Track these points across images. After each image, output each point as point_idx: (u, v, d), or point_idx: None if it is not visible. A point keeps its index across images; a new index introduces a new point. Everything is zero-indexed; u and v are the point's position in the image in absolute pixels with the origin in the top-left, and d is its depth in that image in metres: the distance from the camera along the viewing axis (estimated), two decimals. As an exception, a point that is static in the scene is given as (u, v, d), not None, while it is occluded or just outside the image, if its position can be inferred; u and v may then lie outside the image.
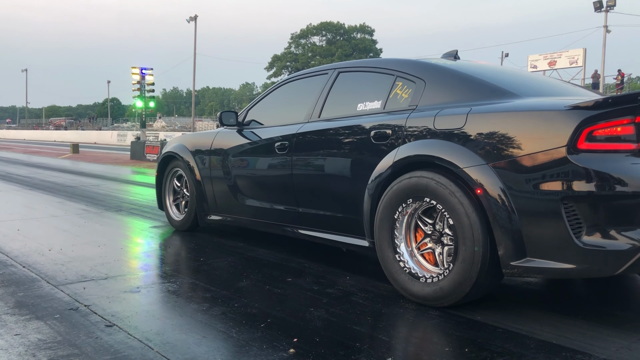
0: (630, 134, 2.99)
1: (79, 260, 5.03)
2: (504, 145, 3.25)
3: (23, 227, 6.61)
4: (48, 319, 3.48)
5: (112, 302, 3.85)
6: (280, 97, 5.48)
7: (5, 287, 4.15)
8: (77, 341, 3.12)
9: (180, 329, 3.36)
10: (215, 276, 4.61)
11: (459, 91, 3.79)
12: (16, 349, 2.99)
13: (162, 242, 6.03)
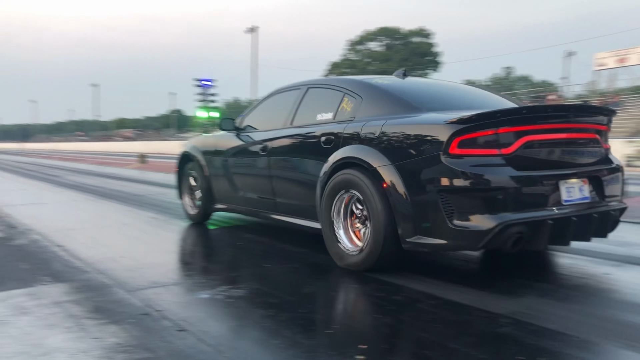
0: (492, 142, 3.91)
1: (150, 266, 5.20)
2: (404, 150, 4.21)
3: (97, 235, 6.91)
4: (123, 323, 3.61)
5: (182, 307, 3.96)
6: (268, 106, 6.43)
7: (83, 292, 4.34)
8: (151, 345, 3.23)
9: (249, 334, 3.42)
10: (280, 282, 4.66)
11: (384, 106, 4.72)
12: (95, 352, 3.12)
13: (228, 248, 6.15)
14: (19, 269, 5.11)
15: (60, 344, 3.24)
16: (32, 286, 4.50)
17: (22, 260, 5.49)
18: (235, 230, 7.20)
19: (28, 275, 4.88)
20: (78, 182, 15.41)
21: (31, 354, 3.09)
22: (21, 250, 5.94)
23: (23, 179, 17.11)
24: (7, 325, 3.56)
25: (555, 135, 4.16)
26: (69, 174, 19.18)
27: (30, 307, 3.94)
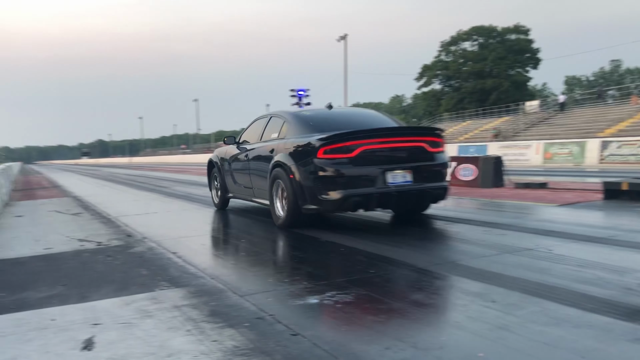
0: (342, 149, 6.60)
1: (259, 272, 5.35)
2: (299, 155, 7.11)
3: (207, 242, 7.22)
4: (239, 327, 3.73)
5: (294, 312, 4.03)
6: (252, 128, 9.56)
7: (200, 296, 4.54)
8: (267, 349, 3.31)
9: (362, 340, 3.41)
10: (387, 288, 4.62)
11: (299, 129, 7.59)
12: (216, 354, 3.24)
13: (333, 254, 6.20)
14: (140, 274, 5.44)
15: (182, 346, 3.40)
16: (152, 291, 4.77)
17: (141, 266, 5.84)
18: (331, 236, 7.25)
19: (148, 280, 5.18)
20: (185, 192, 16.22)
21: (158, 355, 3.27)
22: (140, 257, 6.33)
23: (134, 191, 18.27)
24: (133, 328, 3.79)
25: (382, 146, 6.91)
26: (176, 185, 20.24)
27: (153, 311, 4.17)
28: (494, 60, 76.82)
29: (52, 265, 6.07)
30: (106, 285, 5.02)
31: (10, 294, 4.87)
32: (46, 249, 7.16)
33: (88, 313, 4.18)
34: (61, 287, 5.03)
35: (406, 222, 8.08)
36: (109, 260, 6.21)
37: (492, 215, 9.01)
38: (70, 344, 3.50)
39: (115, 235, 8.14)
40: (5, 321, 4.06)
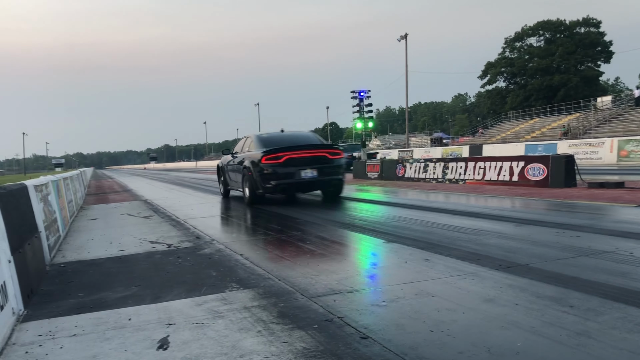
0: (275, 157, 11.73)
1: (325, 274, 5.35)
2: (253, 160, 12.33)
3: (272, 244, 7.29)
4: (308, 328, 3.73)
5: (363, 314, 4.00)
6: (239, 143, 14.46)
7: (268, 298, 4.58)
8: (337, 351, 3.29)
9: (433, 343, 3.33)
10: (455, 292, 4.51)
11: (258, 145, 12.57)
12: (287, 356, 3.25)
13: (398, 257, 6.12)
14: (210, 275, 5.56)
15: (254, 346, 3.44)
16: (222, 292, 4.86)
17: (210, 267, 5.96)
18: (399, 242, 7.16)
19: (218, 281, 5.28)
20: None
21: (230, 355, 3.32)
22: (209, 259, 6.47)
23: (201, 194, 18.76)
24: (206, 328, 3.87)
25: (299, 155, 11.64)
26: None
27: (224, 311, 4.25)
28: (562, 56, 73.93)
29: (126, 267, 6.31)
30: (178, 286, 5.16)
31: (88, 294, 5.09)
32: (120, 250, 7.45)
33: (162, 313, 4.30)
34: (135, 288, 5.21)
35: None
36: (180, 262, 6.39)
37: (565, 216, 8.66)
38: (146, 343, 3.61)
39: (184, 237, 8.37)
40: (85, 320, 4.24)
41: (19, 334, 3.99)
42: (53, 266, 6.57)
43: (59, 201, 9.36)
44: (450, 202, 12.02)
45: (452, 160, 17.80)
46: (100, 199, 19.27)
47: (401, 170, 19.80)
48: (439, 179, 17.69)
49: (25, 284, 4.78)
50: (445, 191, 14.62)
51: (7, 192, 4.95)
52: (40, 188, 7.16)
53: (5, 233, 4.38)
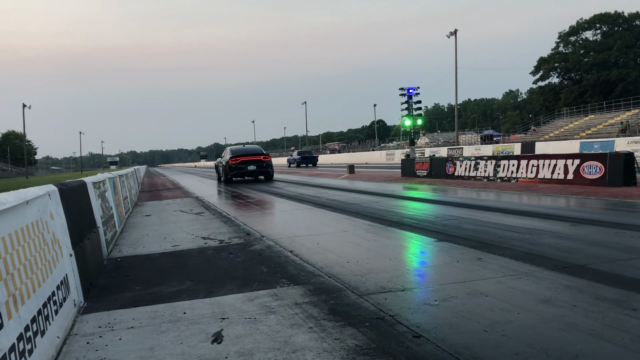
0: (236, 159, 24.52)
1: (375, 272, 5.33)
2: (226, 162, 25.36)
3: (321, 241, 7.31)
4: (359, 326, 3.73)
5: (414, 313, 3.96)
6: (224, 152, 27.12)
7: (318, 294, 4.60)
8: (389, 349, 3.27)
9: (488, 344, 3.27)
10: (509, 292, 4.41)
11: (229, 153, 25.40)
12: (339, 352, 3.26)
13: (449, 256, 6.03)
14: (261, 271, 5.63)
15: (306, 342, 3.46)
16: (273, 287, 4.91)
17: (261, 263, 6.04)
18: (450, 241, 7.06)
19: (269, 277, 5.34)
20: (297, 193, 16.61)
21: (283, 350, 3.35)
22: (259, 255, 6.55)
23: (249, 191, 18.98)
24: (258, 323, 3.92)
25: (247, 159, 24.59)
26: (288, 186, 20.79)
27: (275, 307, 4.29)
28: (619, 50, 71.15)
29: (180, 262, 6.46)
30: (230, 282, 5.24)
31: (144, 288, 5.24)
32: (174, 246, 7.64)
33: (215, 307, 4.38)
34: (189, 282, 5.33)
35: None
36: (231, 258, 6.49)
37: (625, 216, 8.33)
38: (201, 337, 3.69)
39: (235, 233, 8.50)
40: (142, 313, 4.36)
41: (80, 325, 4.14)
42: (110, 260, 6.79)
43: (115, 198, 9.66)
44: (502, 200, 11.76)
45: (503, 158, 17.40)
46: (154, 195, 19.80)
47: (451, 169, 19.50)
48: (490, 177, 17.33)
49: (85, 277, 4.96)
50: (497, 190, 14.31)
51: (69, 189, 5.15)
52: (98, 185, 7.41)
53: (66, 228, 4.56)
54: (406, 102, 26.28)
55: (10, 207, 3.06)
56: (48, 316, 3.48)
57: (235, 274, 5.57)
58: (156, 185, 29.49)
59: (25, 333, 2.94)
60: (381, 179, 21.86)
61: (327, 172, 32.95)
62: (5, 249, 2.90)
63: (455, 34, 48.63)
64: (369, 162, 51.95)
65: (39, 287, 3.40)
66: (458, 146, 48.64)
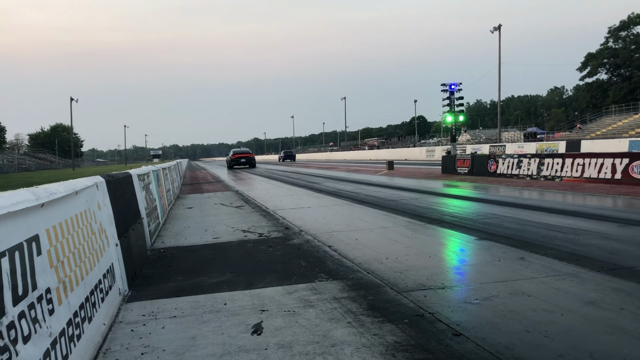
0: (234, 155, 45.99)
1: (415, 269, 5.29)
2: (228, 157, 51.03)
3: (360, 237, 7.30)
4: (399, 322, 3.72)
5: (454, 311, 3.92)
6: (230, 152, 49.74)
7: (357, 290, 4.60)
8: (429, 347, 3.25)
9: (530, 344, 3.21)
10: (552, 293, 4.31)
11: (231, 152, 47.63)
12: (377, 348, 3.26)
13: (490, 254, 5.94)
14: (299, 265, 5.67)
15: (344, 337, 3.47)
16: (312, 281, 4.94)
17: (300, 257, 6.07)
18: (491, 240, 6.94)
19: (307, 271, 5.37)
20: (335, 188, 16.63)
21: (322, 344, 3.37)
22: (298, 249, 6.59)
23: (288, 186, 19.12)
24: (297, 316, 3.95)
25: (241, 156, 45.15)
26: (326, 181, 20.82)
27: (314, 301, 4.32)
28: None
29: (220, 254, 6.56)
30: (269, 274, 5.30)
31: (186, 278, 5.34)
32: (215, 238, 7.76)
33: (255, 299, 4.44)
34: (230, 274, 5.41)
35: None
36: (270, 251, 6.55)
37: (675, 217, 8.02)
38: (241, 328, 3.74)
39: (274, 227, 8.58)
40: (184, 303, 4.46)
41: (125, 313, 4.26)
42: (153, 251, 6.95)
43: (159, 190, 9.88)
44: (546, 199, 11.49)
45: (547, 156, 17.00)
46: (195, 188, 20.14)
47: (493, 166, 19.16)
48: (534, 176, 16.96)
49: (129, 266, 5.09)
50: (540, 188, 14.00)
51: (115, 180, 5.30)
52: (142, 177, 7.59)
53: (113, 218, 4.69)
54: (448, 98, 25.91)
55: (60, 197, 3.16)
56: (95, 303, 3.59)
57: (275, 267, 5.63)
58: (197, 178, 29.98)
59: (74, 319, 3.04)
60: (421, 176, 21.66)
61: (365, 168, 32.85)
62: (56, 237, 3.00)
63: (499, 28, 47.66)
64: (409, 158, 51.52)
65: (87, 275, 3.51)
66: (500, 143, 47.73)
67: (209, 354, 3.30)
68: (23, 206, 2.48)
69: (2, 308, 2.15)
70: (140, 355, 3.33)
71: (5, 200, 2.33)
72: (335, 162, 54.84)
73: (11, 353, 2.14)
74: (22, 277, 2.41)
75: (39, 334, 2.47)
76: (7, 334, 2.14)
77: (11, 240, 2.35)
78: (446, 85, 26.01)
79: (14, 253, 2.35)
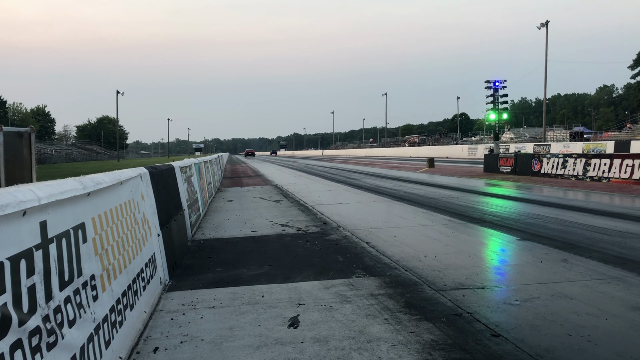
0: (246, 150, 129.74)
1: (453, 268, 5.23)
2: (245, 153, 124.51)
3: (398, 234, 7.26)
4: (436, 321, 3.68)
5: (494, 312, 3.86)
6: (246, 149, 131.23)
7: (394, 287, 4.58)
8: (466, 347, 3.21)
9: (571, 348, 3.13)
10: (596, 296, 4.19)
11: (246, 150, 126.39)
12: (414, 346, 3.23)
13: (532, 255, 5.81)
14: (337, 261, 5.67)
15: (381, 334, 3.46)
16: (349, 277, 4.94)
17: (338, 253, 6.08)
18: (533, 240, 6.79)
19: (345, 267, 5.37)
20: (374, 185, 16.56)
21: (358, 340, 3.36)
22: (335, 245, 6.60)
23: (327, 181, 19.14)
24: (334, 311, 3.96)
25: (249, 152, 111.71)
26: (365, 177, 20.75)
27: (351, 297, 4.31)
28: None
29: (259, 247, 6.62)
30: (307, 269, 5.32)
31: (225, 270, 5.42)
32: (253, 231, 7.84)
33: (292, 293, 4.47)
34: (268, 267, 5.46)
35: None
36: (308, 245, 6.58)
37: None
38: (278, 320, 3.77)
39: (312, 222, 8.61)
40: (223, 294, 4.52)
41: (165, 301, 4.35)
42: (194, 242, 7.07)
43: (200, 182, 10.04)
44: (592, 200, 11.16)
45: (595, 156, 16.50)
46: (235, 182, 20.39)
47: (537, 165, 18.72)
48: (579, 176, 16.49)
49: (170, 256, 5.20)
50: (586, 189, 13.60)
51: (158, 172, 5.41)
52: (184, 169, 7.73)
53: (155, 209, 4.79)
54: (492, 95, 25.42)
55: (106, 186, 3.25)
56: (137, 291, 3.68)
57: (312, 262, 5.65)
58: (238, 172, 30.34)
59: (116, 305, 3.13)
60: (462, 174, 21.35)
61: (405, 165, 32.60)
62: (101, 225, 3.09)
63: (546, 25, 46.45)
64: (450, 156, 50.84)
65: (130, 263, 3.60)
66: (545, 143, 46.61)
67: (246, 345, 3.34)
68: (70, 194, 2.56)
69: (50, 292, 2.22)
70: (180, 344, 3.39)
71: (54, 189, 2.40)
72: (375, 159, 54.60)
73: (57, 336, 2.21)
74: (69, 263, 2.48)
75: (83, 318, 2.55)
76: (53, 318, 2.21)
77: (59, 227, 2.43)
78: (490, 82, 25.51)
79: (61, 240, 2.43)
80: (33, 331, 2.00)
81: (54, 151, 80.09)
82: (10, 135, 7.17)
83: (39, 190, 2.23)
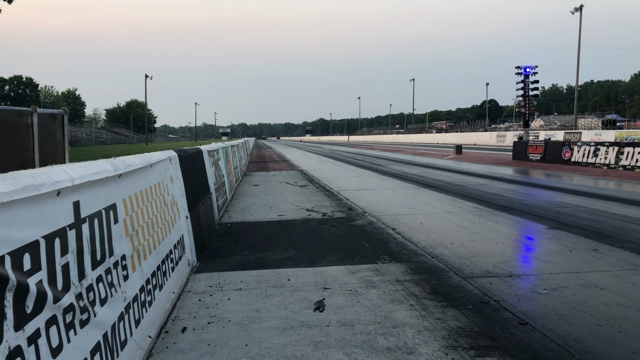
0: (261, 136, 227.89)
1: (480, 255, 5.18)
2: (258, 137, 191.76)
3: (424, 221, 7.21)
4: (462, 308, 3.66)
5: (521, 300, 3.82)
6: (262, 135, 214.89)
7: (420, 274, 4.56)
8: (493, 334, 3.19)
9: (601, 338, 3.08)
10: (627, 287, 4.11)
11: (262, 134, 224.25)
12: (440, 332, 3.22)
13: (561, 244, 5.72)
14: (362, 246, 5.67)
15: (406, 319, 3.45)
16: (375, 263, 4.93)
17: (363, 239, 6.07)
18: (563, 229, 6.68)
19: (370, 252, 5.37)
20: (400, 171, 16.46)
21: (383, 325, 3.37)
22: (361, 230, 6.59)
23: (353, 167, 19.10)
24: (359, 296, 3.97)
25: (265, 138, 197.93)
26: (391, 164, 20.64)
27: (376, 282, 4.31)
28: None
29: (285, 231, 6.66)
30: (332, 254, 5.34)
31: (252, 253, 5.47)
32: (279, 215, 7.88)
33: (318, 277, 4.49)
34: (293, 251, 5.49)
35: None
36: (334, 230, 6.59)
37: None
38: (304, 304, 3.80)
39: (337, 207, 8.61)
40: (250, 276, 4.57)
41: (193, 283, 4.41)
42: (221, 225, 7.15)
43: (227, 166, 10.12)
44: (624, 190, 10.92)
45: (628, 145, 16.10)
46: (261, 167, 20.49)
47: (567, 154, 18.37)
48: (611, 165, 16.13)
49: (198, 239, 5.27)
50: (618, 178, 13.31)
51: (187, 155, 5.46)
52: (212, 153, 7.79)
53: (184, 191, 4.85)
54: (522, 81, 24.92)
55: (136, 168, 3.29)
56: (165, 272, 3.74)
57: (337, 247, 5.66)
58: (264, 157, 30.48)
59: (146, 286, 3.18)
60: (490, 161, 21.07)
61: (432, 152, 32.32)
62: (131, 206, 3.13)
63: (580, 9, 45.26)
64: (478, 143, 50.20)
65: (159, 244, 3.65)
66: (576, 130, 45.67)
67: (272, 327, 3.37)
68: (102, 176, 2.60)
69: (83, 271, 2.27)
70: (207, 324, 3.44)
71: (86, 170, 2.44)
72: (401, 145, 54.23)
73: (90, 314, 2.26)
74: (101, 243, 2.53)
75: (114, 297, 2.60)
76: (86, 296, 2.26)
77: (91, 207, 2.47)
78: (521, 68, 25.01)
79: (93, 220, 2.47)
80: (67, 308, 2.05)
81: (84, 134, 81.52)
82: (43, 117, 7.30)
83: (72, 171, 2.27)
